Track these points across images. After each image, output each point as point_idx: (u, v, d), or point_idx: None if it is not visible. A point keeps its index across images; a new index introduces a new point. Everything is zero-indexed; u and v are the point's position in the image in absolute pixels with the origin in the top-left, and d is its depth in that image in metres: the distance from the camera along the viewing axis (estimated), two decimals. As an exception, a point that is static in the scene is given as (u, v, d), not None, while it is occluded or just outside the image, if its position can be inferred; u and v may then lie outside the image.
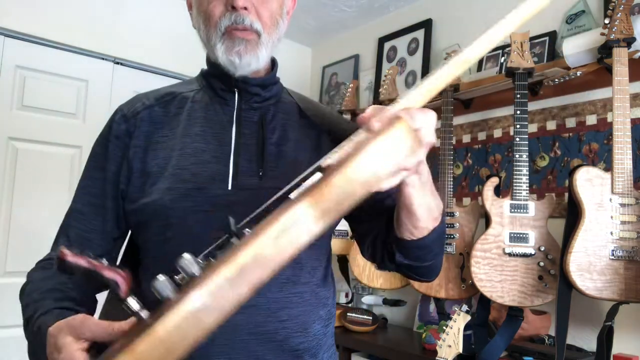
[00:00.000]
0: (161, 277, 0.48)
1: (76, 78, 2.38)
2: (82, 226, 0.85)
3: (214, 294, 0.45)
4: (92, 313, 0.80)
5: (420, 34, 2.60)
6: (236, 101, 0.89)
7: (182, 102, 0.90)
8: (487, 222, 1.71)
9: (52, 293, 0.75)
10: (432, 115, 0.58)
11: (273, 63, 0.94)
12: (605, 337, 1.49)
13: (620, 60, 1.53)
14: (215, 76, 0.90)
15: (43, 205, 2.23)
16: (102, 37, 2.42)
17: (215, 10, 0.84)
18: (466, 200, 2.25)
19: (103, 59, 2.46)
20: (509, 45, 1.83)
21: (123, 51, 2.49)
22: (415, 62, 2.60)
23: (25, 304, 0.76)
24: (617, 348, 1.56)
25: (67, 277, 0.75)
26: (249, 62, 0.84)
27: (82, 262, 0.51)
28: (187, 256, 0.49)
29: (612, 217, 1.49)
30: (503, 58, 2.13)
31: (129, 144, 0.85)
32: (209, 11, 0.84)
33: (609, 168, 1.56)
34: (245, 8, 0.82)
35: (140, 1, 2.56)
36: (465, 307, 1.49)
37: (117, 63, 2.50)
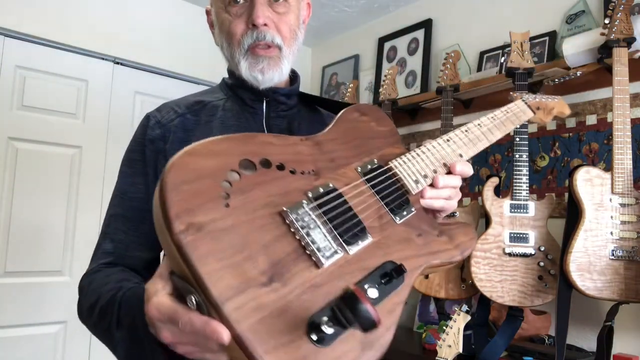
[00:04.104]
0: None
1: (76, 78, 2.38)
2: (130, 231, 0.85)
3: None
4: None
5: (420, 34, 2.60)
6: (264, 110, 0.93)
7: (212, 110, 0.92)
8: (487, 222, 1.71)
9: (126, 282, 0.75)
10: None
11: (294, 73, 0.99)
12: (605, 337, 1.49)
13: (620, 60, 1.53)
14: (243, 87, 0.93)
15: (43, 205, 2.22)
16: (102, 37, 2.42)
17: (237, 29, 0.88)
18: (466, 200, 2.25)
19: (103, 59, 2.46)
20: (509, 45, 1.83)
21: (123, 51, 2.49)
22: (415, 62, 2.60)
23: (98, 295, 0.74)
24: (617, 348, 1.56)
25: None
26: (271, 78, 0.89)
27: None
28: None
29: (612, 217, 1.49)
30: (503, 58, 2.13)
31: (163, 148, 0.86)
32: (231, 30, 0.89)
33: (609, 168, 1.56)
34: (266, 24, 0.87)
35: (140, 1, 2.56)
36: (465, 307, 1.48)
37: (117, 63, 2.50)
